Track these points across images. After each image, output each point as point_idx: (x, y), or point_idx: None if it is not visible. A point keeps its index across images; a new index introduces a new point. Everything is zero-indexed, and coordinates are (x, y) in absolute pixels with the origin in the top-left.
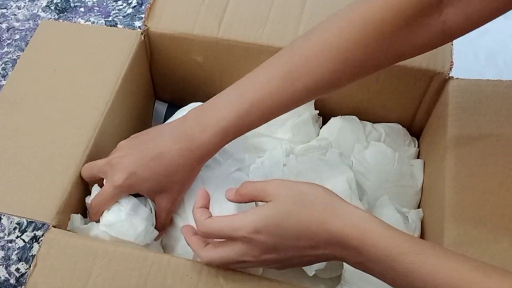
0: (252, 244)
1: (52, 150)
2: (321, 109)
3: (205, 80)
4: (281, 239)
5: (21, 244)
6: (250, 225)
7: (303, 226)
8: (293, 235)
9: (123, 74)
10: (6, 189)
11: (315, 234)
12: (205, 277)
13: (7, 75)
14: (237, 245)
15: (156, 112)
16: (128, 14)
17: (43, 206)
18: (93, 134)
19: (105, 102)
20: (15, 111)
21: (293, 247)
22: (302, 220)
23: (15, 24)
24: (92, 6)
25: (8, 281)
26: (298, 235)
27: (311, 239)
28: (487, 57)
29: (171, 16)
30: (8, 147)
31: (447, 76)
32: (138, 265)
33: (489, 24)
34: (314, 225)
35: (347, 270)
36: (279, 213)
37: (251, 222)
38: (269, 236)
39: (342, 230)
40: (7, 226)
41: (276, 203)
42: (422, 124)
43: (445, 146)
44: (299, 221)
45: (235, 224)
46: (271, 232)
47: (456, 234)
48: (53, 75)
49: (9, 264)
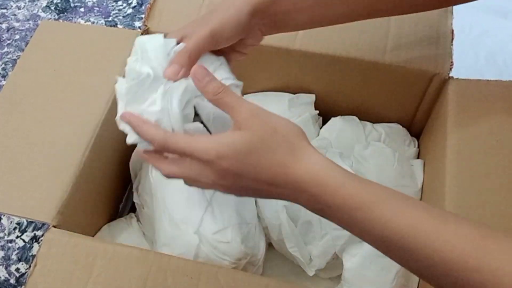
0: (212, 168)
1: (52, 150)
2: (321, 109)
3: None
4: (241, 169)
5: (21, 244)
6: (213, 150)
7: (264, 164)
8: (254, 169)
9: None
10: (6, 189)
11: (274, 175)
12: (205, 277)
13: (7, 75)
14: (197, 165)
15: None
16: (128, 14)
17: (43, 206)
18: (93, 134)
19: (105, 102)
20: (15, 111)
21: (252, 179)
22: (264, 158)
23: (15, 24)
24: (92, 6)
25: (8, 281)
26: (258, 171)
27: (270, 178)
28: (487, 57)
29: (171, 16)
30: (8, 147)
31: (447, 76)
32: (138, 265)
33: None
34: (275, 166)
35: (347, 270)
36: (245, 146)
37: (216, 147)
38: (230, 164)
39: (301, 176)
40: (7, 226)
41: (244, 135)
42: (422, 124)
43: (445, 146)
44: (262, 159)
45: (199, 146)
46: (233, 160)
47: None
48: (53, 75)
49: (9, 264)
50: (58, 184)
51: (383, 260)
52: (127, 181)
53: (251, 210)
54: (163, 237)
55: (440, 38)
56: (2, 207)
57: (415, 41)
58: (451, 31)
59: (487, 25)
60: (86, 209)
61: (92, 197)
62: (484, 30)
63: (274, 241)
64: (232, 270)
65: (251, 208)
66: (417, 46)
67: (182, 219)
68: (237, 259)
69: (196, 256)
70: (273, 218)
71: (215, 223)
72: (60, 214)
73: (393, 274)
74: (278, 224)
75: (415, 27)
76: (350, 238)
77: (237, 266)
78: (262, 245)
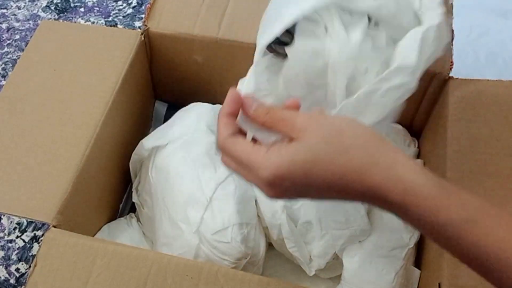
0: (271, 186)
1: (52, 150)
2: None
3: (205, 80)
4: (307, 188)
5: (21, 244)
6: (271, 169)
7: (335, 176)
8: (322, 185)
9: (123, 74)
10: (6, 189)
11: (349, 186)
12: (205, 277)
13: (7, 75)
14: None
15: (156, 112)
16: (128, 14)
17: (43, 206)
18: (93, 134)
19: (105, 102)
20: (15, 111)
21: (320, 195)
22: (335, 169)
23: (15, 24)
24: (92, 6)
25: (8, 281)
26: (328, 185)
27: (343, 190)
28: (487, 57)
29: (171, 16)
30: (8, 147)
31: (447, 76)
32: (138, 265)
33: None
34: (348, 176)
35: (347, 270)
36: (308, 159)
37: (274, 165)
38: (293, 185)
39: (382, 184)
40: (7, 226)
41: (304, 145)
42: (422, 124)
43: (445, 146)
44: (331, 171)
45: (257, 161)
46: (296, 180)
47: None
48: (53, 75)
49: (9, 264)
50: (58, 184)
51: (383, 260)
52: (127, 181)
53: (251, 210)
54: (163, 237)
55: None
56: (2, 207)
57: None
58: (451, 31)
59: (487, 25)
60: (86, 209)
61: (92, 197)
62: (484, 30)
63: (274, 241)
64: (232, 270)
65: (251, 208)
66: None
67: (182, 219)
68: (237, 259)
69: (196, 256)
70: (273, 218)
71: (215, 223)
72: (60, 214)
73: (393, 274)
74: (278, 224)
75: None
76: (350, 238)
77: (237, 266)
78: (262, 245)
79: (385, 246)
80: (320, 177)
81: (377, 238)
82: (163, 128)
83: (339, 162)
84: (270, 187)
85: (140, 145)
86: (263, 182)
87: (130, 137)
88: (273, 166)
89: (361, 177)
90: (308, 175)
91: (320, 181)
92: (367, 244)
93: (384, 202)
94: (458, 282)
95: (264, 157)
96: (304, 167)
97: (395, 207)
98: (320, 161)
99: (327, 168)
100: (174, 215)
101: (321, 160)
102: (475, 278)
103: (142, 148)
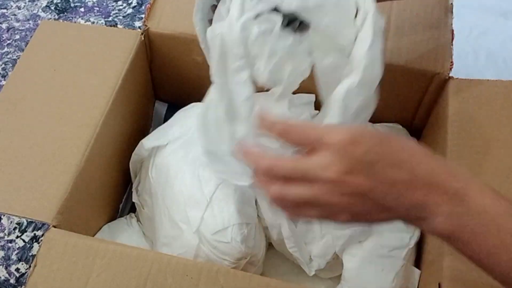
0: (342, 155)
1: (52, 150)
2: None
3: (205, 80)
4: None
5: (21, 244)
6: (345, 132)
7: (406, 152)
8: (394, 159)
9: (123, 74)
10: (6, 189)
11: (416, 168)
12: (205, 277)
13: (7, 75)
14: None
15: (156, 112)
16: (128, 14)
17: (43, 206)
18: (93, 134)
19: (105, 102)
20: (15, 111)
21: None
22: (406, 146)
23: (15, 24)
24: (92, 6)
25: (8, 281)
26: (400, 159)
27: (411, 171)
28: (487, 57)
29: (171, 16)
30: (8, 147)
31: (447, 76)
32: (138, 265)
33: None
34: (417, 158)
35: (347, 270)
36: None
37: (347, 129)
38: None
39: (446, 174)
40: (7, 226)
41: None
42: (422, 124)
43: (445, 146)
44: (402, 146)
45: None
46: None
47: None
48: (53, 75)
49: (9, 264)
50: (58, 184)
51: (383, 261)
52: (127, 181)
53: (251, 210)
54: (163, 237)
55: (440, 38)
56: (2, 207)
57: (415, 41)
58: (451, 31)
59: (487, 25)
60: (86, 209)
61: (92, 197)
62: (484, 30)
63: (274, 241)
64: (232, 270)
65: (251, 208)
66: (417, 46)
67: (182, 219)
68: (237, 259)
69: (196, 256)
70: (273, 218)
71: (215, 223)
72: (60, 214)
73: (393, 275)
74: (278, 224)
75: (414, 27)
76: (350, 238)
77: (237, 266)
78: (262, 245)
79: (385, 246)
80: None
81: (377, 238)
82: (163, 128)
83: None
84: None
85: (140, 145)
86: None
87: (130, 137)
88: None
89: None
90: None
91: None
92: (367, 244)
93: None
94: (458, 282)
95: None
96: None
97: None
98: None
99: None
100: (174, 215)
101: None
102: (475, 278)
103: (142, 148)
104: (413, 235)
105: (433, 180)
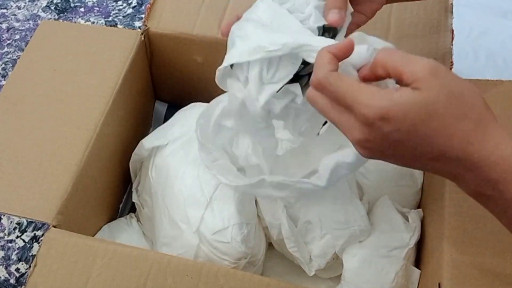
0: (370, 129)
1: (52, 150)
2: None
3: (205, 80)
4: (408, 138)
5: (21, 244)
6: (378, 107)
7: (442, 136)
8: (424, 140)
9: (123, 74)
10: (6, 189)
11: (452, 152)
12: (205, 277)
13: (7, 75)
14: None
15: (156, 112)
16: (128, 14)
17: (43, 206)
18: (93, 134)
19: (105, 102)
20: (15, 111)
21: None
22: (446, 128)
23: (15, 24)
24: (92, 6)
25: (8, 281)
26: (431, 143)
27: (443, 154)
28: (487, 57)
29: (171, 16)
30: (8, 147)
31: None
32: (138, 265)
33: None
34: (456, 142)
35: (347, 270)
36: (422, 108)
37: (382, 104)
38: (395, 130)
39: (486, 158)
40: (7, 226)
41: (422, 94)
42: None
43: None
44: (441, 129)
45: (363, 98)
46: (401, 125)
47: (457, 234)
48: (53, 75)
49: (9, 264)
50: (58, 184)
51: (383, 261)
52: (127, 181)
53: (251, 210)
54: (163, 237)
55: (440, 38)
56: (2, 207)
57: (415, 41)
58: (451, 31)
59: (487, 25)
60: (86, 209)
61: (92, 197)
62: (484, 30)
63: (274, 241)
64: (232, 270)
65: (251, 208)
66: (417, 46)
67: (182, 219)
68: (237, 259)
69: (196, 256)
70: (273, 218)
71: (215, 223)
72: (60, 214)
73: (393, 275)
74: (278, 224)
75: (415, 27)
76: (350, 238)
77: (237, 266)
78: (262, 245)
79: (385, 246)
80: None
81: (377, 238)
82: (163, 128)
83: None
84: (367, 129)
85: (140, 145)
86: (362, 121)
87: (130, 137)
88: (381, 105)
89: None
90: (416, 124)
91: (425, 135)
92: (367, 244)
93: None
94: (458, 283)
95: (373, 95)
96: (414, 115)
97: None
98: (434, 115)
99: (438, 124)
100: (174, 215)
101: (435, 114)
102: (475, 278)
103: (142, 148)
104: (413, 235)
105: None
